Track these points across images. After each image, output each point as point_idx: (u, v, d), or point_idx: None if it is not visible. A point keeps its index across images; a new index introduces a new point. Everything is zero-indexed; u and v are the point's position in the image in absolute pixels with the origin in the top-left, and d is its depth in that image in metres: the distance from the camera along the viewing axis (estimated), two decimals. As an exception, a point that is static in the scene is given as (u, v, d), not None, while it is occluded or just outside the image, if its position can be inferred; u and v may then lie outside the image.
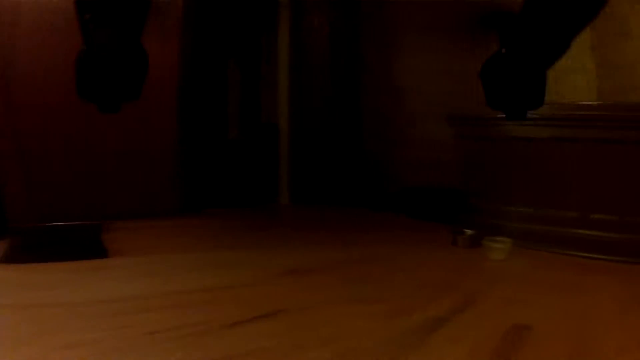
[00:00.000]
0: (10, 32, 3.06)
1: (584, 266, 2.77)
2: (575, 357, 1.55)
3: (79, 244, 2.51)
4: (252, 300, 1.90)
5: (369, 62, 4.71)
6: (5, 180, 3.06)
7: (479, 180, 3.52)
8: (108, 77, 1.30)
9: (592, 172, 2.95)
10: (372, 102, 4.72)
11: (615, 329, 1.81)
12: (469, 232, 3.16)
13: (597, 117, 2.91)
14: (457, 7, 4.05)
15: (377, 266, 2.67)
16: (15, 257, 2.31)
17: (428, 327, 1.74)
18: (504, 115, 3.21)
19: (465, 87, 4.02)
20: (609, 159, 2.88)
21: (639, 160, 2.83)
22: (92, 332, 1.50)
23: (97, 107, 1.36)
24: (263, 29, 4.80)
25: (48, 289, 1.98)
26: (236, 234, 3.36)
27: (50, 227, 2.58)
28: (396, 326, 1.76)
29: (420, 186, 4.29)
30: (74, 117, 3.24)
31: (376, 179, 4.65)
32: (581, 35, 3.49)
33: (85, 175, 3.39)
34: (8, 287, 1.98)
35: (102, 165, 3.49)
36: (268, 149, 4.78)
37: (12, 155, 3.11)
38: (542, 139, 3.11)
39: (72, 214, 3.07)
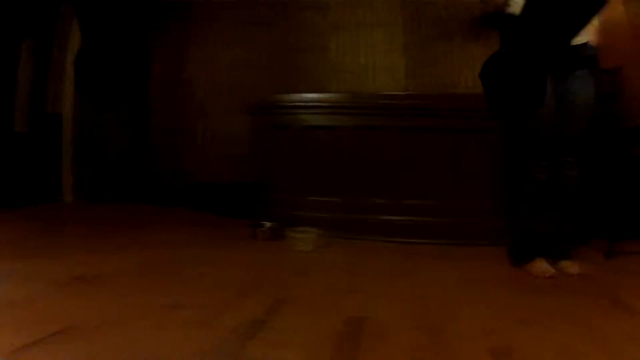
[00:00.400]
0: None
1: (400, 251, 2.72)
2: (425, 347, 1.35)
3: None
4: (37, 318, 1.50)
5: (159, 53, 4.19)
6: None
7: (279, 171, 3.27)
8: (108, 77, 1.27)
9: (401, 159, 2.96)
10: (161, 93, 4.18)
11: (457, 312, 1.69)
12: (268, 224, 2.89)
13: (400, 105, 2.96)
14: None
15: (178, 267, 2.23)
16: None
17: (246, 332, 1.39)
18: (301, 103, 3.19)
19: (262, 77, 3.85)
20: (418, 147, 2.93)
21: (447, 147, 2.93)
22: None
23: (97, 107, 1.42)
24: (59, 12, 4.08)
25: None
26: (15, 240, 2.79)
27: None
28: (210, 334, 1.37)
29: (214, 181, 3.89)
30: None
31: (167, 174, 4.11)
32: (394, 35, 3.65)
33: None
34: None
35: None
36: (51, 142, 4.11)
37: None
38: (346, 127, 3.03)
39: None
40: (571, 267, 2.31)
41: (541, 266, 2.28)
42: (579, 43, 2.26)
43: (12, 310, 1.55)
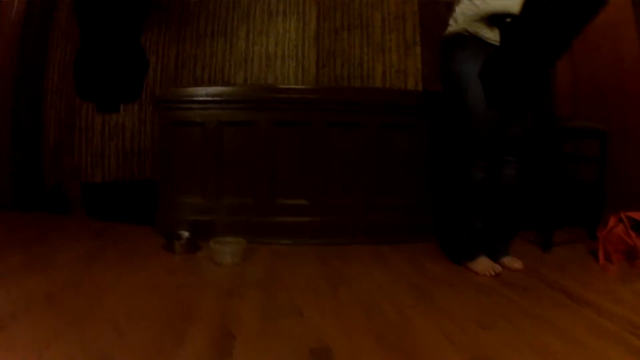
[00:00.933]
0: None
1: (328, 254, 2.60)
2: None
3: None
4: None
5: (55, 38, 3.56)
6: None
7: (186, 172, 2.94)
8: (107, 77, 1.28)
9: (322, 157, 2.86)
10: (56, 84, 3.54)
11: (413, 323, 1.62)
12: (185, 234, 2.59)
13: (322, 100, 2.84)
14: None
15: (91, 298, 1.85)
16: None
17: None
18: (212, 98, 2.89)
19: (163, 65, 3.49)
20: (339, 143, 2.84)
21: (368, 143, 2.87)
22: None
23: (96, 107, 1.42)
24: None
25: None
26: None
27: None
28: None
29: (112, 180, 3.47)
30: None
31: (62, 173, 3.53)
32: (306, 23, 3.48)
33: None
34: None
35: None
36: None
37: None
38: (263, 123, 2.84)
39: None
40: (514, 262, 2.41)
41: (486, 264, 2.35)
42: None
43: None
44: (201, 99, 2.83)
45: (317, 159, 2.86)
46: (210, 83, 3.44)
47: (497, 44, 2.28)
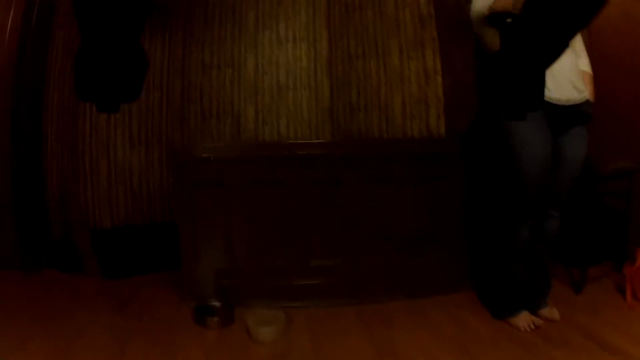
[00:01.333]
0: None
1: (367, 316, 2.54)
2: None
3: None
4: None
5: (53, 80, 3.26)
6: None
7: (205, 234, 2.74)
8: (107, 77, 1.30)
9: (357, 213, 2.76)
10: (57, 123, 3.25)
11: None
12: (216, 305, 2.46)
13: (363, 154, 2.76)
14: None
15: None
16: None
17: None
18: (238, 155, 2.69)
19: (167, 100, 3.26)
20: (375, 199, 2.74)
21: (404, 197, 2.78)
22: None
23: (96, 107, 1.36)
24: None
25: None
26: None
27: None
28: None
29: (121, 225, 3.24)
30: None
31: (67, 222, 3.29)
32: (318, 50, 3.28)
33: None
34: None
35: None
36: None
37: None
38: (288, 180, 2.69)
39: None
40: (554, 314, 2.44)
41: (528, 319, 2.38)
42: (582, 101, 2.24)
43: None
44: (226, 156, 2.68)
45: (350, 215, 2.74)
46: (218, 117, 3.25)
47: (559, 103, 2.20)
